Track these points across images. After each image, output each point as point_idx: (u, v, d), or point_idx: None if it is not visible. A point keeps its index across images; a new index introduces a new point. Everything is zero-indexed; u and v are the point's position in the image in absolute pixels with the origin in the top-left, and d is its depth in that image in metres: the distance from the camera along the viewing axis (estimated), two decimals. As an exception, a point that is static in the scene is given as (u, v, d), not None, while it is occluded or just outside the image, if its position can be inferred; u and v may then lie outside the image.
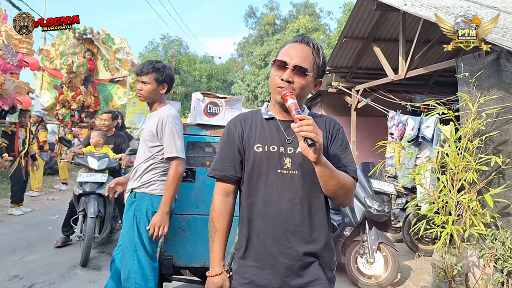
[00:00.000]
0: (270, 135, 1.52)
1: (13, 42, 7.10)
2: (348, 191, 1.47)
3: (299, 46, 1.49)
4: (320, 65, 1.52)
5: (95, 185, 4.60)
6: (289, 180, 1.46)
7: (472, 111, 3.69)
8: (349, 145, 1.58)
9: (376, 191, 4.22)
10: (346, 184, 1.44)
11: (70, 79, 9.77)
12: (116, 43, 11.03)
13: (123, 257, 2.66)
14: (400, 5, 5.33)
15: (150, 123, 2.77)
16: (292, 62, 1.45)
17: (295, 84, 1.45)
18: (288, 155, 1.47)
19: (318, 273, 1.48)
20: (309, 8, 31.12)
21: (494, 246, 3.28)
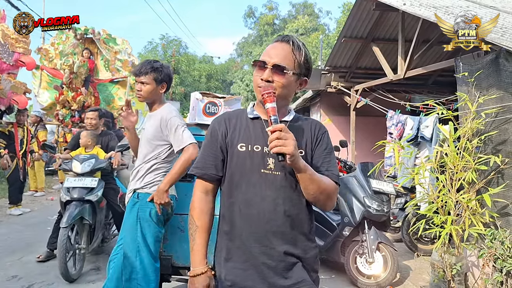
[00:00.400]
0: (255, 135, 1.50)
1: (9, 41, 7.07)
2: (329, 196, 1.46)
3: (279, 45, 1.49)
4: (302, 62, 1.49)
5: (83, 190, 4.09)
6: (272, 181, 1.45)
7: (472, 110, 3.69)
8: (333, 151, 1.58)
9: (375, 191, 4.22)
10: (327, 188, 1.44)
11: (71, 80, 9.77)
12: (118, 43, 11.03)
13: (125, 258, 2.65)
14: (399, 5, 5.33)
15: (152, 122, 2.77)
16: (271, 61, 1.45)
17: (275, 84, 1.44)
18: (271, 155, 1.44)
19: (303, 274, 1.47)
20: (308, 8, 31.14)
21: (493, 246, 3.28)
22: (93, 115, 4.75)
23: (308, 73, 1.53)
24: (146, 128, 2.82)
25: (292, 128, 1.43)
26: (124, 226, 2.74)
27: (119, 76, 11.11)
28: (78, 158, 4.28)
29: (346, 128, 9.25)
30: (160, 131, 2.72)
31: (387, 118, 6.61)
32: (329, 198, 1.46)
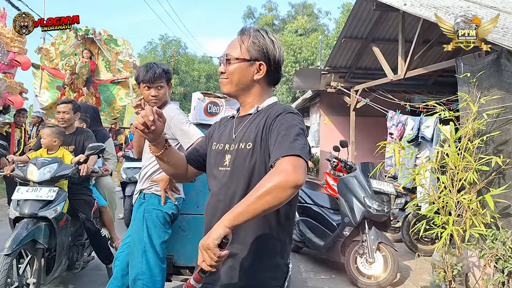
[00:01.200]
0: (224, 134, 1.56)
1: (4, 40, 7.01)
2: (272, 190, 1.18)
3: (234, 39, 1.53)
4: (249, 47, 1.46)
5: (37, 204, 3.11)
6: (221, 177, 1.47)
7: (473, 111, 3.69)
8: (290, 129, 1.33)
9: (375, 191, 4.22)
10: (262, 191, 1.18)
11: (72, 80, 9.77)
12: (119, 44, 11.02)
13: (132, 258, 2.64)
14: (400, 5, 5.34)
15: None
16: (223, 53, 1.50)
17: (226, 73, 1.49)
18: (229, 152, 1.47)
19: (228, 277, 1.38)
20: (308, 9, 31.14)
21: (495, 246, 3.28)
22: (65, 108, 3.77)
23: (262, 56, 1.46)
24: None
25: (251, 122, 1.48)
26: (131, 225, 2.74)
27: (120, 77, 11.10)
28: (36, 162, 3.29)
29: (346, 128, 9.24)
30: (167, 129, 2.72)
31: (388, 118, 6.61)
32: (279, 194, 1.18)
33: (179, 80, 26.51)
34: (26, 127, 7.90)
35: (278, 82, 1.59)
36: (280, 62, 1.51)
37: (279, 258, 1.41)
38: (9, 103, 7.41)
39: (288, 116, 1.38)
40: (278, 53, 1.49)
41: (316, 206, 4.86)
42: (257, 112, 1.49)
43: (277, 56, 1.49)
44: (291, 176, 1.18)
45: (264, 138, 1.39)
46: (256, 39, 1.47)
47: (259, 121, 1.44)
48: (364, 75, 8.59)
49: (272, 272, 1.39)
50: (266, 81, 1.52)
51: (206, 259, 1.16)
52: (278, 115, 1.39)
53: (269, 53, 1.47)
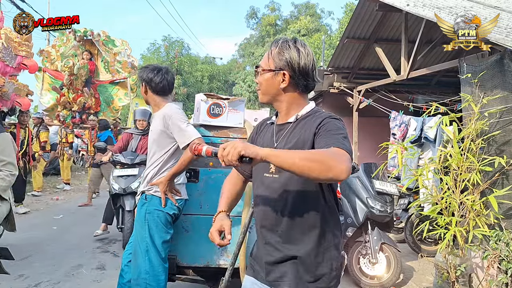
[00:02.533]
0: (266, 139, 1.63)
1: (12, 45, 7.13)
2: (322, 162, 1.25)
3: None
4: (274, 57, 1.55)
5: None
6: (269, 183, 1.56)
7: (475, 111, 3.69)
8: (339, 129, 1.46)
9: (378, 191, 4.22)
10: (313, 156, 1.27)
11: (71, 81, 9.82)
12: (117, 45, 11.08)
13: (135, 258, 2.71)
14: (403, 6, 5.33)
15: (156, 122, 2.83)
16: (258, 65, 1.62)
17: (258, 84, 1.60)
18: None
19: (287, 270, 1.52)
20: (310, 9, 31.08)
21: (498, 247, 3.27)
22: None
23: (286, 66, 1.53)
24: (152, 130, 2.88)
25: (293, 129, 1.55)
26: (135, 225, 2.81)
27: (118, 77, 11.17)
28: None
29: (348, 129, 9.11)
30: (165, 128, 2.76)
31: (390, 119, 6.60)
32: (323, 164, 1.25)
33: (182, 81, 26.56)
34: (30, 127, 7.96)
35: (311, 89, 1.62)
36: (306, 69, 1.53)
37: (334, 250, 1.55)
38: (17, 105, 7.49)
39: (334, 121, 1.49)
40: (304, 61, 1.52)
41: (319, 206, 4.86)
42: (297, 120, 1.56)
43: (302, 64, 1.52)
44: (344, 164, 1.27)
45: (309, 146, 1.47)
46: (282, 49, 1.54)
47: (302, 129, 1.52)
48: (367, 76, 8.58)
49: (330, 264, 1.53)
50: (296, 89, 1.56)
51: (225, 154, 1.26)
52: (324, 119, 1.49)
53: (293, 62, 1.52)
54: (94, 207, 7.77)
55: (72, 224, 6.52)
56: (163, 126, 2.76)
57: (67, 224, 6.47)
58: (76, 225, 6.44)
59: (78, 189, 10.60)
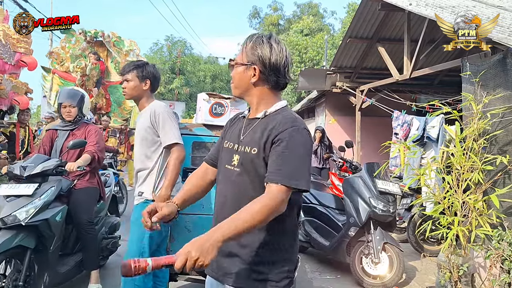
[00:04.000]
0: (234, 132, 1.63)
1: (10, 41, 7.11)
2: (264, 220, 1.34)
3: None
4: (247, 52, 1.54)
5: None
6: (229, 176, 1.55)
7: (476, 111, 3.68)
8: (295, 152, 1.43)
9: (381, 191, 4.21)
10: (254, 220, 1.31)
11: (83, 82, 9.88)
12: (126, 45, 11.14)
13: (127, 257, 2.68)
14: (405, 5, 5.32)
15: (142, 120, 2.78)
16: None
17: (232, 77, 1.60)
18: (237, 152, 1.54)
19: (231, 268, 1.49)
20: (313, 9, 31.05)
21: (501, 247, 3.26)
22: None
23: (257, 61, 1.52)
24: (138, 127, 2.82)
25: (258, 127, 1.53)
26: (133, 226, 2.74)
27: None
28: None
29: (351, 129, 9.22)
30: (151, 126, 2.72)
31: (393, 118, 6.59)
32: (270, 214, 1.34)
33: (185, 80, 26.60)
34: (30, 126, 7.97)
35: (283, 87, 1.59)
36: (277, 65, 1.52)
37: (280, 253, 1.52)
38: (15, 103, 7.49)
39: (296, 136, 1.44)
40: (276, 57, 1.51)
41: (321, 206, 4.86)
42: (265, 117, 1.54)
43: (273, 59, 1.51)
44: (279, 207, 1.37)
45: (267, 148, 1.46)
46: (255, 44, 1.54)
47: (265, 127, 1.49)
48: (369, 75, 8.57)
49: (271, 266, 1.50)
50: (267, 84, 1.56)
51: (187, 265, 1.21)
52: (287, 130, 1.44)
53: (264, 57, 1.51)
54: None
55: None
56: (149, 123, 2.72)
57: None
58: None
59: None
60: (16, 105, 7.57)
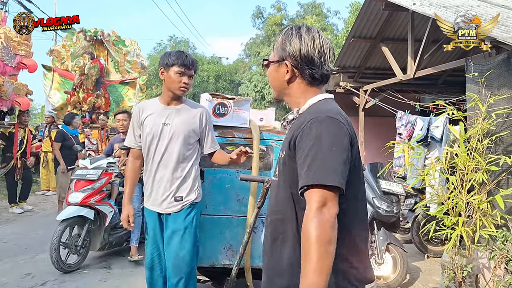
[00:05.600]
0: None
1: (11, 44, 7.19)
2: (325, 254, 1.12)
3: None
4: (278, 47, 1.41)
5: None
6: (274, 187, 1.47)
7: (482, 111, 3.66)
8: (313, 147, 1.22)
9: (384, 191, 4.20)
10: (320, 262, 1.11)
11: (82, 81, 9.91)
12: (126, 45, 11.16)
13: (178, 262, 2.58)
14: (409, 5, 5.31)
15: (185, 117, 2.62)
16: None
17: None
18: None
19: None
20: (317, 8, 30.98)
21: (505, 248, 3.25)
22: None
23: (287, 55, 1.38)
24: (176, 124, 2.58)
25: (291, 127, 1.41)
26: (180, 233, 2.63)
27: (128, 77, 11.24)
28: None
29: (355, 128, 9.14)
30: (198, 126, 2.63)
31: (397, 118, 6.57)
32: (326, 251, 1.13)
33: (188, 80, 26.59)
34: (29, 127, 8.03)
35: (322, 80, 1.40)
36: (310, 56, 1.35)
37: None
38: (16, 105, 7.57)
39: (313, 127, 1.24)
40: (306, 47, 1.35)
41: (324, 206, 4.85)
42: (298, 117, 1.39)
43: (304, 51, 1.35)
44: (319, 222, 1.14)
45: (290, 147, 1.31)
46: (284, 38, 1.40)
47: (293, 128, 1.36)
48: (373, 75, 8.55)
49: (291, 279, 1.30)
50: (303, 80, 1.39)
51: None
52: (304, 125, 1.27)
53: (293, 50, 1.36)
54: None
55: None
56: (197, 122, 2.63)
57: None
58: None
59: (85, 188, 10.67)
60: (16, 106, 7.63)
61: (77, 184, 4.41)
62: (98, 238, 4.48)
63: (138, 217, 4.36)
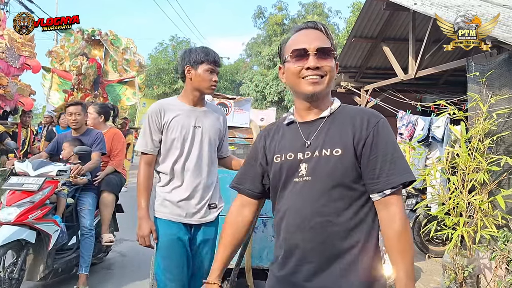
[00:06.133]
0: (289, 142, 1.39)
1: (15, 45, 7.24)
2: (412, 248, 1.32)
3: (311, 32, 1.36)
4: (335, 45, 1.39)
5: None
6: (302, 187, 1.32)
7: (483, 111, 3.65)
8: (395, 144, 1.30)
9: (385, 191, 4.18)
10: (411, 257, 1.30)
11: (79, 81, 9.92)
12: (122, 43, 11.17)
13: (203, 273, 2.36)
14: (410, 4, 5.30)
15: (212, 120, 2.43)
16: (312, 46, 1.30)
17: (324, 69, 1.31)
18: (304, 160, 1.32)
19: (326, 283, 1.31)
20: (318, 8, 30.96)
21: (506, 248, 3.24)
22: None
23: (337, 56, 1.39)
24: (206, 127, 2.39)
25: (331, 125, 1.33)
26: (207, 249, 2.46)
27: (126, 76, 11.25)
28: None
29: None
30: (221, 129, 2.50)
31: (398, 118, 6.56)
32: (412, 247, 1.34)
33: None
34: (32, 127, 8.06)
35: None
36: None
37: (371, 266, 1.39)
38: (20, 105, 7.60)
39: (386, 129, 1.30)
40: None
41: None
42: (331, 115, 1.35)
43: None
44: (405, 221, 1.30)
45: (356, 148, 1.28)
46: (330, 33, 1.39)
47: (340, 126, 1.32)
48: (374, 75, 8.54)
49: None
50: None
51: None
52: (375, 125, 1.29)
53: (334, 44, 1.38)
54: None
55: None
56: (221, 125, 2.47)
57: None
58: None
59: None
60: (20, 106, 7.66)
61: (11, 196, 3.29)
62: (38, 265, 3.43)
63: (89, 238, 3.74)
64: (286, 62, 1.37)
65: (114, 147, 4.22)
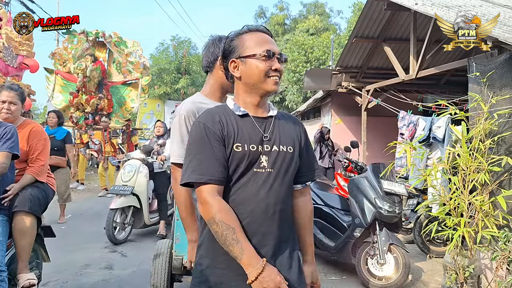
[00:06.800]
0: (248, 134, 1.46)
1: (13, 44, 7.24)
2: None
3: (268, 37, 1.53)
4: None
5: None
6: (264, 179, 1.45)
7: (484, 111, 3.65)
8: (311, 147, 1.71)
9: (386, 192, 4.19)
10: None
11: (84, 83, 9.95)
12: (128, 46, 11.19)
13: None
14: (411, 5, 5.30)
15: None
16: (277, 50, 1.50)
17: (281, 72, 1.50)
18: (264, 153, 1.47)
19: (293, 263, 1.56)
20: (319, 8, 30.96)
21: (507, 248, 3.24)
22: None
23: None
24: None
25: (279, 125, 1.55)
26: None
27: (131, 78, 11.27)
28: None
29: (357, 129, 9.20)
30: None
31: (399, 118, 6.56)
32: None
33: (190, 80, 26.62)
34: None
35: None
36: None
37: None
38: None
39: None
40: None
41: (326, 207, 4.85)
42: (277, 115, 1.57)
43: None
44: None
45: (300, 147, 1.59)
46: None
47: (292, 128, 1.59)
48: (375, 75, 8.54)
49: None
50: None
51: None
52: (305, 130, 1.66)
53: None
54: (103, 205, 7.83)
55: (80, 224, 6.58)
56: None
57: (75, 224, 6.53)
58: (84, 225, 6.50)
59: (87, 189, 10.70)
60: None
61: None
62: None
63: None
64: (251, 58, 1.47)
65: (32, 147, 3.08)
